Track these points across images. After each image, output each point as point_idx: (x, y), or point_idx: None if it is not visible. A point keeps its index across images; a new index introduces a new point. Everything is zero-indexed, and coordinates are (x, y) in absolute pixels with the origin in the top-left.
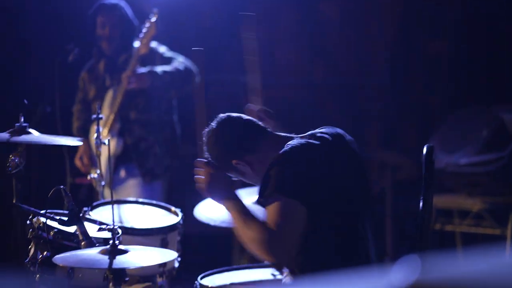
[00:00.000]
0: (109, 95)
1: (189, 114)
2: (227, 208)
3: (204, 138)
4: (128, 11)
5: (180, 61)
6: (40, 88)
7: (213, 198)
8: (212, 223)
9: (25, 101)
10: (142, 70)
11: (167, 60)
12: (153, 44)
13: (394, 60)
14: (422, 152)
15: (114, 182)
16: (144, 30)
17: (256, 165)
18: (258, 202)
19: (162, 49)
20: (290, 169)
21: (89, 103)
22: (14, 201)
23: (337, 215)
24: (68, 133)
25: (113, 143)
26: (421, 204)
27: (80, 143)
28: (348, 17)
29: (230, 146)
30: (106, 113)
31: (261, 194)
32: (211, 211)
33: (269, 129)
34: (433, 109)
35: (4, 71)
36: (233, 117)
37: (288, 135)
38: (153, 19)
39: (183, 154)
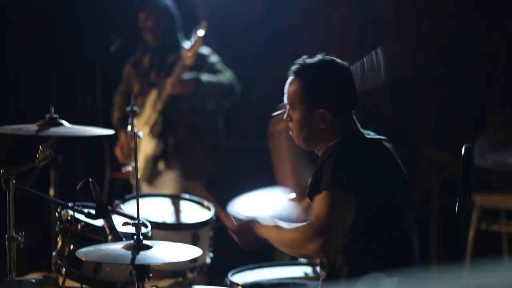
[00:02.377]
0: (152, 95)
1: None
2: (266, 237)
3: (310, 59)
4: (170, 3)
5: (226, 76)
6: (81, 79)
7: (250, 249)
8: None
9: (86, 99)
10: (187, 76)
11: (215, 72)
12: (206, 51)
13: (450, 56)
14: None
15: (151, 175)
16: (191, 43)
17: (330, 130)
18: (310, 191)
19: (214, 59)
20: (346, 162)
21: (131, 96)
22: (51, 194)
23: (386, 211)
24: (108, 124)
25: (153, 144)
26: (457, 206)
27: (112, 132)
28: (404, 11)
29: (325, 90)
30: (148, 112)
31: (316, 184)
32: (248, 207)
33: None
34: (489, 107)
35: (45, 61)
36: (351, 73)
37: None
38: (201, 32)
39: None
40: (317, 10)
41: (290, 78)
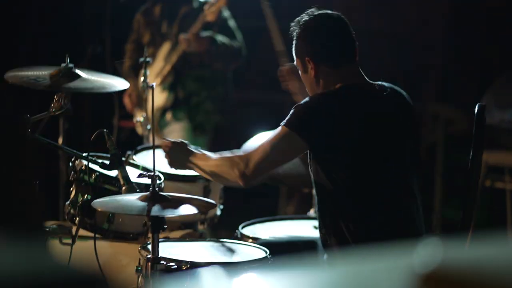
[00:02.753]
0: (165, 47)
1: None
2: (193, 170)
3: (306, 15)
4: None
5: (238, 40)
6: (91, 29)
7: (177, 168)
8: None
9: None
10: (203, 33)
11: (230, 36)
12: (226, 14)
13: (454, 11)
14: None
15: (159, 125)
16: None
17: (322, 79)
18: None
19: (232, 23)
20: (310, 114)
21: (142, 45)
22: (60, 143)
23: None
24: (117, 73)
25: (164, 96)
26: (469, 164)
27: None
28: None
29: (318, 44)
30: (160, 64)
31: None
32: None
33: (356, 61)
34: (492, 63)
35: (54, 11)
36: (345, 22)
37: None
38: None
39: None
40: None
41: None
